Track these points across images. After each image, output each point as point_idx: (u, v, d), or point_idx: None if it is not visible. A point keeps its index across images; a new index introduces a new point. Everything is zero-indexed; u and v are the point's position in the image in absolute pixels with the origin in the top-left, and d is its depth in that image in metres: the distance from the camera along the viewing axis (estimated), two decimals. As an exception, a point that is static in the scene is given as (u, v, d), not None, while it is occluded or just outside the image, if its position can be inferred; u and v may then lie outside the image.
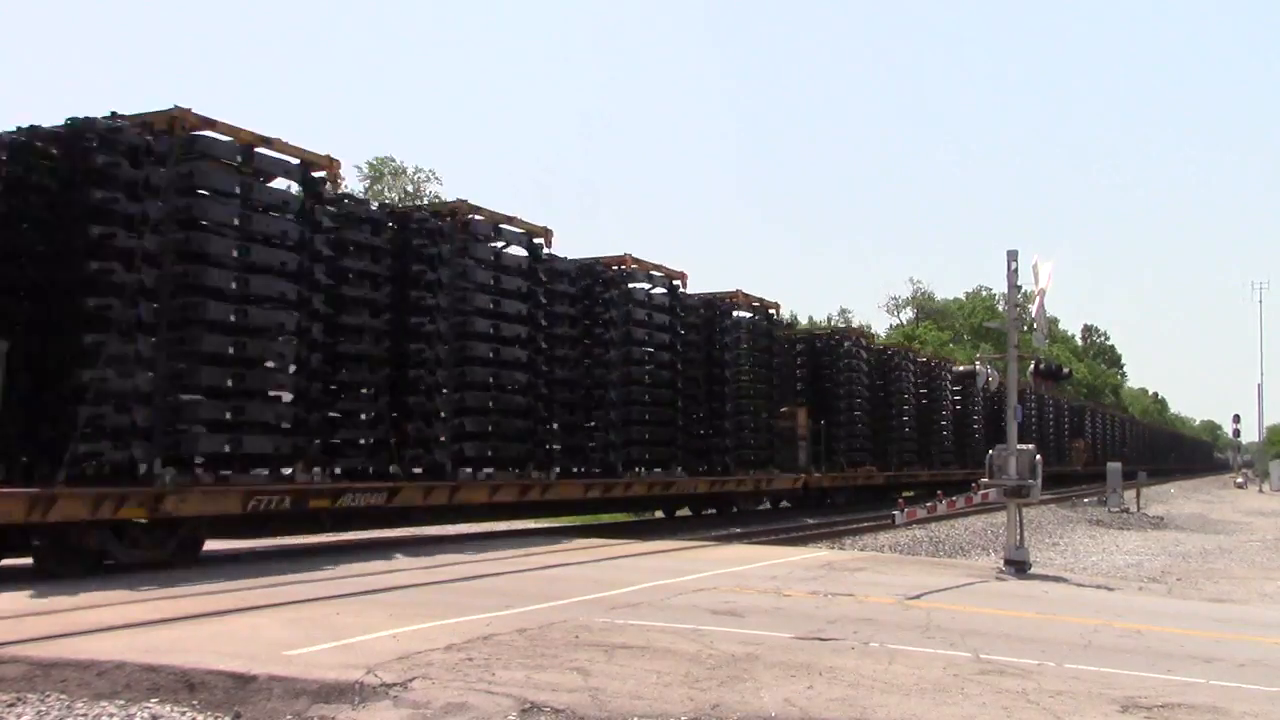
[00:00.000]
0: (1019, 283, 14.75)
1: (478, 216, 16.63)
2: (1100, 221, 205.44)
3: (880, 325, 76.72)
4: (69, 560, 11.06)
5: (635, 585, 10.71)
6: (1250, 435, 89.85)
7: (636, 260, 20.21)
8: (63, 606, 8.81)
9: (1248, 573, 17.79)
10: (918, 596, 10.62)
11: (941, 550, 19.86)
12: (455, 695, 5.93)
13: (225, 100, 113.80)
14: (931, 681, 6.60)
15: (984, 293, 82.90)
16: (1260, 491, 60.13)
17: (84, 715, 5.73)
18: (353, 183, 42.59)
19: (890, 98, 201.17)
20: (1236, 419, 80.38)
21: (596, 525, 20.47)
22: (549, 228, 17.88)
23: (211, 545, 13.73)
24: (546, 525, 19.89)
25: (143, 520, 11.45)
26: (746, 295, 24.16)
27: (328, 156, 13.70)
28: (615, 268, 19.95)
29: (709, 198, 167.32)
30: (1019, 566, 13.70)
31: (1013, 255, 14.42)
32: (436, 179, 45.11)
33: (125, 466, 11.31)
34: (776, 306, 25.43)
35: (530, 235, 17.57)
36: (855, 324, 68.83)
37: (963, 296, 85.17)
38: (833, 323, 67.43)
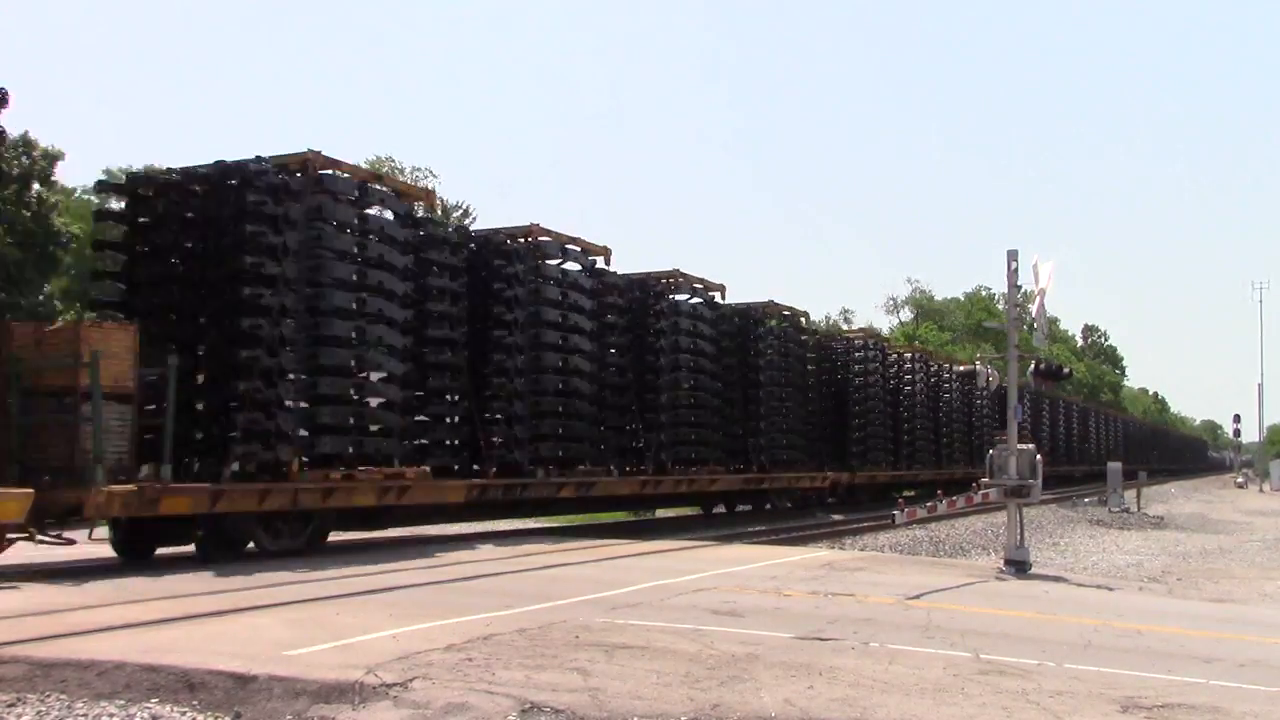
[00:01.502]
0: (1019, 283, 14.76)
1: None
2: (1100, 221, 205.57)
3: (880, 325, 76.71)
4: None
5: (635, 585, 10.71)
6: (1250, 435, 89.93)
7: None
8: (63, 606, 8.81)
9: (1248, 573, 17.80)
10: (918, 596, 10.62)
11: (941, 550, 19.87)
12: (455, 695, 5.93)
13: (225, 100, 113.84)
14: (932, 681, 6.60)
15: (983, 293, 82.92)
16: (1260, 491, 60.14)
17: (84, 715, 5.73)
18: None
19: (890, 97, 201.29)
20: (1237, 419, 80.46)
21: (601, 526, 20.47)
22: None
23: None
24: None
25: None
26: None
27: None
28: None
29: (708, 197, 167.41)
30: (1019, 566, 13.71)
31: (1013, 255, 14.44)
32: (434, 176, 45.29)
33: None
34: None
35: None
36: (855, 324, 68.87)
37: (961, 296, 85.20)
38: (832, 322, 67.50)
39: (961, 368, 38.63)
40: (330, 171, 13.98)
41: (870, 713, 5.83)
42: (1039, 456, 14.55)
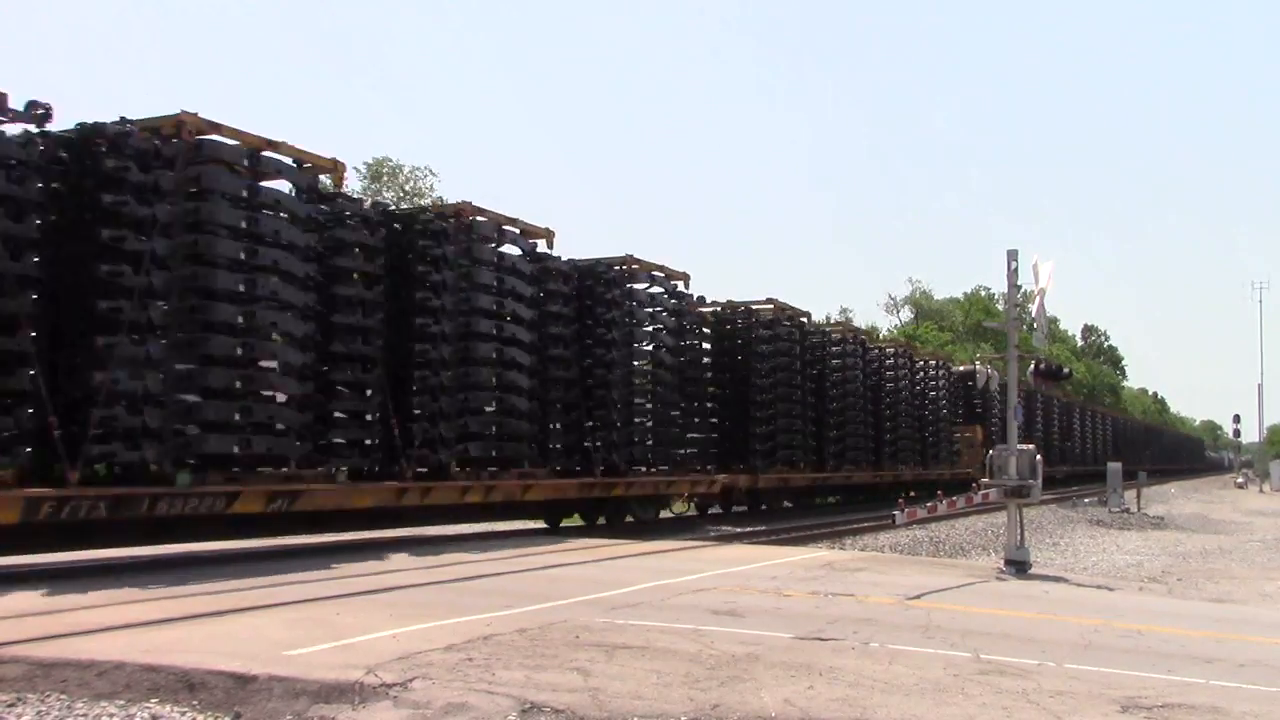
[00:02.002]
0: (1019, 283, 14.76)
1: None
2: (1100, 221, 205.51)
3: (880, 325, 76.66)
4: None
5: (635, 585, 10.71)
6: (1250, 435, 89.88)
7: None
8: (63, 606, 8.81)
9: (1248, 573, 17.80)
10: (918, 596, 10.62)
11: (941, 550, 19.86)
12: (455, 695, 5.92)
13: (226, 100, 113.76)
14: (932, 681, 6.59)
15: (983, 293, 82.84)
16: (1260, 491, 60.13)
17: (84, 715, 5.72)
18: (352, 182, 42.63)
19: (890, 97, 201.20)
20: (1236, 419, 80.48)
21: (597, 526, 20.46)
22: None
23: (211, 546, 13.75)
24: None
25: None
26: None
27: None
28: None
29: (708, 196, 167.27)
30: (1019, 566, 13.70)
31: (1013, 255, 14.44)
32: (433, 174, 45.35)
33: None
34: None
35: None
36: (855, 324, 68.72)
37: (960, 296, 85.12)
38: (832, 322, 67.29)
39: (961, 368, 38.44)
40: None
41: (870, 713, 5.83)
42: (1039, 457, 14.55)
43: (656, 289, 20.63)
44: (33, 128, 11.19)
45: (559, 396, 18.08)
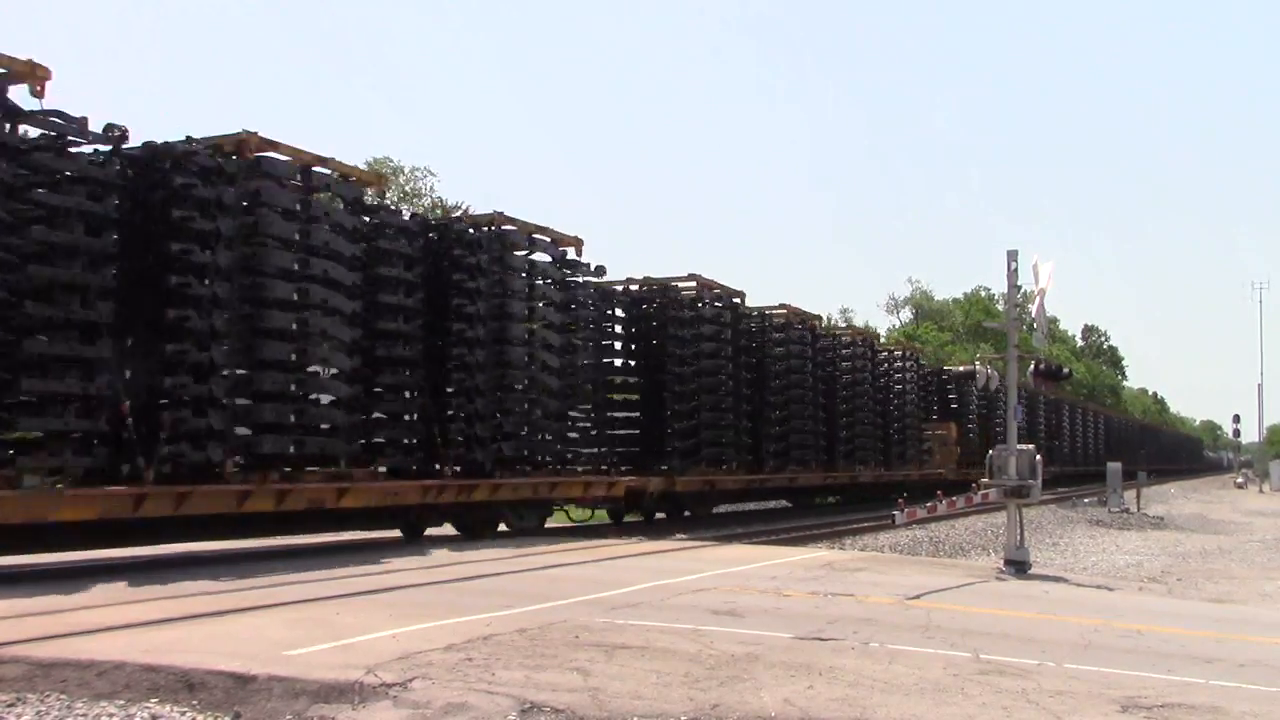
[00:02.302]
0: (1019, 283, 14.76)
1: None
2: (1100, 221, 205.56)
3: (880, 325, 76.67)
4: None
5: (635, 585, 10.71)
6: (1250, 435, 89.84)
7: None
8: (63, 606, 8.81)
9: (1248, 573, 17.80)
10: (918, 596, 10.62)
11: (941, 550, 19.86)
12: (455, 695, 5.93)
13: (226, 100, 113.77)
14: (931, 681, 6.60)
15: (983, 293, 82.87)
16: (1260, 491, 60.12)
17: (84, 715, 5.72)
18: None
19: (891, 96, 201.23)
20: (1236, 419, 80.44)
21: (601, 525, 20.45)
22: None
23: (210, 545, 13.74)
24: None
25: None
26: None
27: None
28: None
29: (708, 196, 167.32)
30: (1019, 566, 13.70)
31: (1013, 255, 14.44)
32: (433, 175, 45.40)
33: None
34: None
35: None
36: (855, 324, 68.70)
37: (960, 296, 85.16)
38: (832, 323, 67.33)
39: (960, 368, 38.27)
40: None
41: (870, 713, 5.83)
42: (1039, 457, 14.55)
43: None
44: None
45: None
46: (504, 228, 16.97)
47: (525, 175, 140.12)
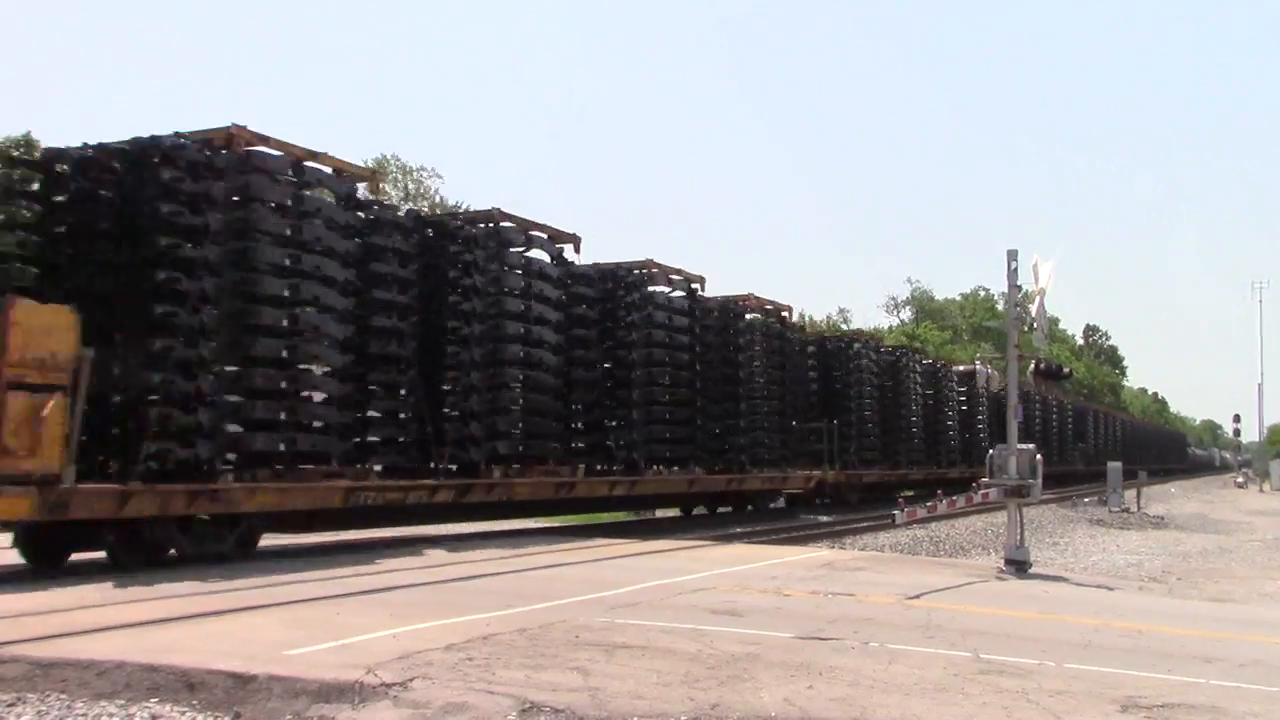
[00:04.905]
0: (1019, 282, 14.75)
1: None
2: (1100, 221, 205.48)
3: (880, 325, 76.64)
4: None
5: (635, 585, 10.71)
6: (1250, 435, 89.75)
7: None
8: (63, 606, 8.80)
9: (1248, 572, 17.78)
10: (918, 596, 10.61)
11: (941, 550, 19.86)
12: (455, 695, 5.92)
13: (226, 100, 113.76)
14: (932, 681, 6.59)
15: (982, 293, 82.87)
16: (1260, 491, 60.09)
17: (84, 715, 5.72)
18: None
19: (891, 97, 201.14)
20: (1237, 419, 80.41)
21: (600, 525, 20.46)
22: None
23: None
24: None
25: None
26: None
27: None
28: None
29: (708, 196, 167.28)
30: (1019, 566, 13.70)
31: (1013, 255, 14.44)
32: (438, 176, 45.34)
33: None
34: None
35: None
36: (855, 324, 68.70)
37: (958, 297, 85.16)
38: (832, 322, 67.30)
39: (961, 368, 38.31)
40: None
41: (870, 712, 5.83)
42: (1039, 457, 14.54)
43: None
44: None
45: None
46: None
47: (524, 176, 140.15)
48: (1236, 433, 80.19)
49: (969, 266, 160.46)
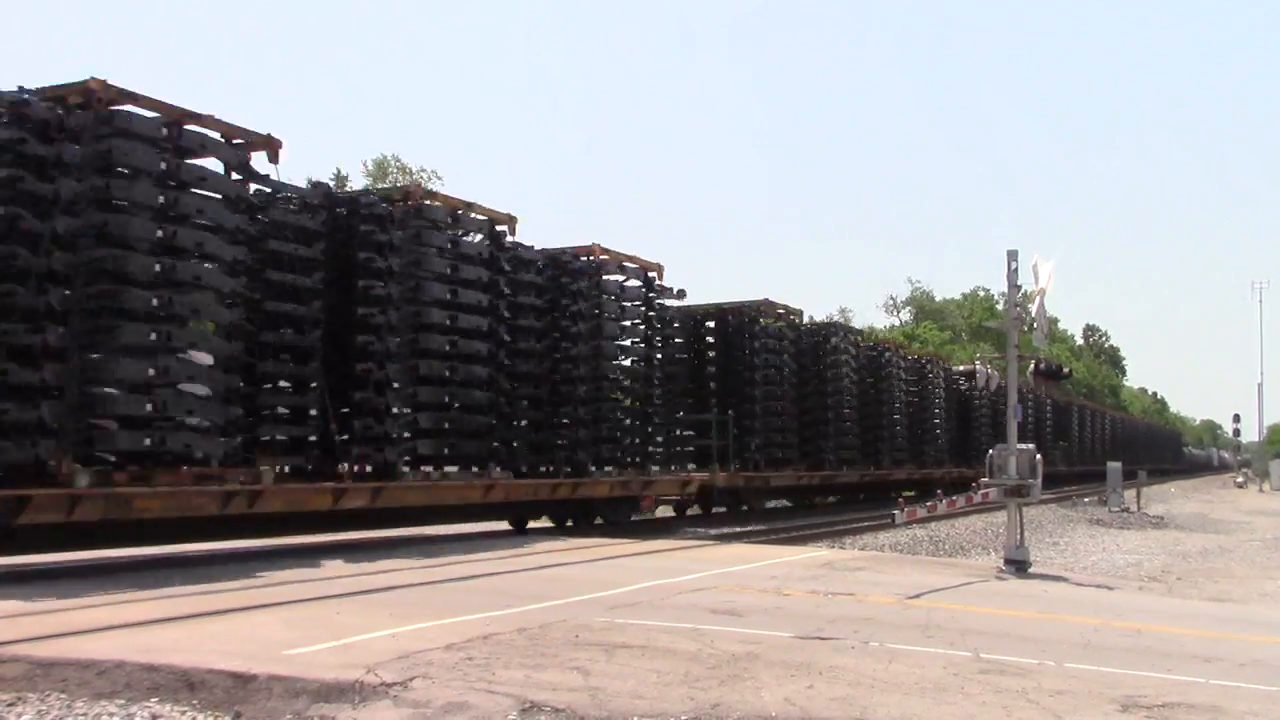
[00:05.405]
0: (1019, 282, 14.76)
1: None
2: (1100, 221, 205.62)
3: (879, 325, 76.65)
4: None
5: (635, 585, 10.71)
6: (1250, 435, 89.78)
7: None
8: (63, 606, 8.81)
9: (1248, 572, 17.79)
10: (918, 596, 10.62)
11: (941, 550, 19.86)
12: (455, 694, 5.93)
13: (226, 101, 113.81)
14: (931, 681, 6.60)
15: (982, 293, 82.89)
16: (1260, 491, 60.12)
17: (84, 714, 5.73)
18: (356, 181, 42.57)
19: (889, 97, 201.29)
20: (1236, 419, 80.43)
21: (596, 525, 20.43)
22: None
23: (209, 546, 13.73)
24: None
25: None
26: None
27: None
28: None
29: (708, 197, 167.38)
30: (1019, 566, 13.70)
31: (1013, 255, 14.45)
32: (438, 177, 45.27)
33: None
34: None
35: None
36: (856, 324, 68.64)
37: (959, 297, 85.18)
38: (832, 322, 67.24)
39: (961, 367, 38.15)
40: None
41: (870, 712, 5.83)
42: (1039, 457, 14.55)
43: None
44: None
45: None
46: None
47: (524, 178, 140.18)
48: (1236, 433, 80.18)
49: (969, 266, 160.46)
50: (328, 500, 13.73)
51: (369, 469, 14.56)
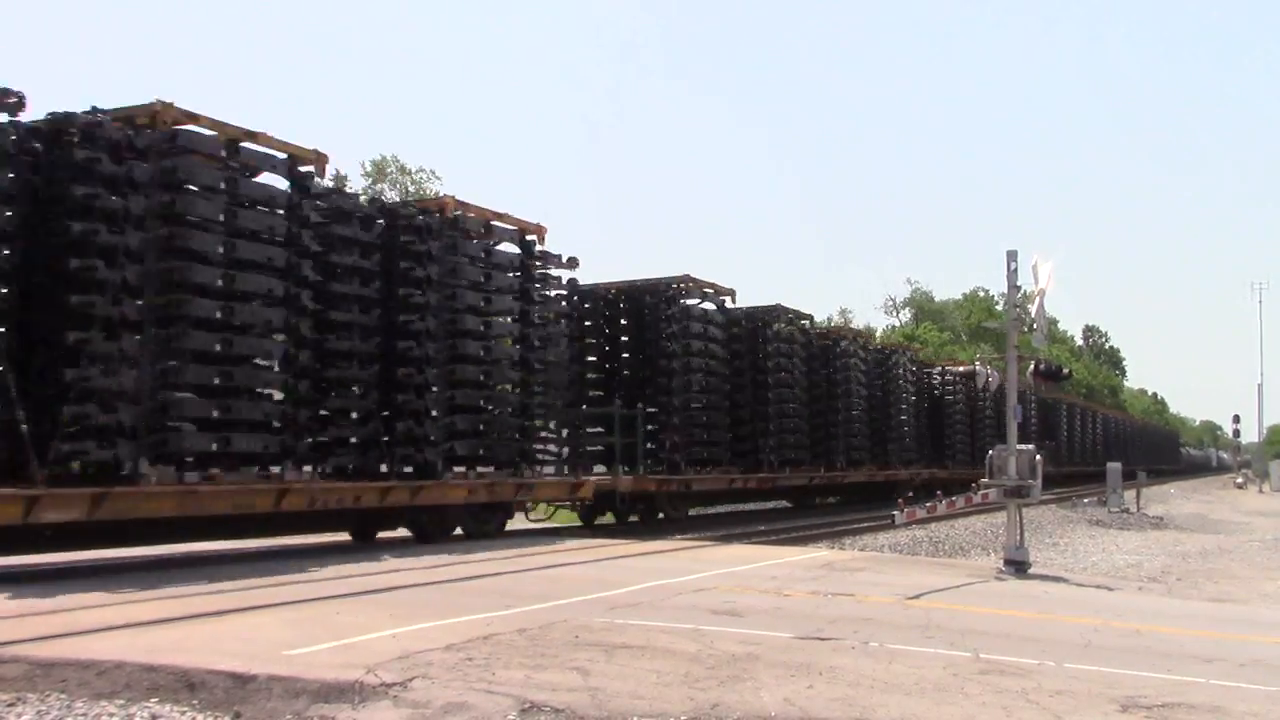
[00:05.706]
0: (1019, 283, 14.77)
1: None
2: (1100, 221, 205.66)
3: (878, 326, 76.68)
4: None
5: (635, 585, 10.71)
6: (1250, 436, 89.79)
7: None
8: (63, 606, 8.81)
9: (1248, 572, 17.79)
10: (918, 596, 10.62)
11: (941, 550, 19.86)
12: (455, 695, 5.93)
13: (227, 100, 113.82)
14: (931, 681, 6.60)
15: (981, 294, 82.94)
16: (1260, 491, 60.11)
17: (84, 715, 5.73)
18: (355, 181, 42.59)
19: (890, 97, 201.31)
20: (1236, 419, 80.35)
21: (597, 525, 20.43)
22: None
23: (210, 545, 13.75)
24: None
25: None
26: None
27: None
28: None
29: (708, 196, 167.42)
30: (1019, 566, 13.70)
31: (1012, 255, 14.45)
32: (437, 178, 45.22)
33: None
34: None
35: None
36: (855, 324, 68.73)
37: (959, 297, 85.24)
38: (832, 322, 67.32)
39: (960, 368, 38.15)
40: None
41: (870, 712, 5.83)
42: (1038, 457, 14.55)
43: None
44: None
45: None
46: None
47: (525, 178, 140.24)
48: (1236, 433, 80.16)
49: (969, 267, 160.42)
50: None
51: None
